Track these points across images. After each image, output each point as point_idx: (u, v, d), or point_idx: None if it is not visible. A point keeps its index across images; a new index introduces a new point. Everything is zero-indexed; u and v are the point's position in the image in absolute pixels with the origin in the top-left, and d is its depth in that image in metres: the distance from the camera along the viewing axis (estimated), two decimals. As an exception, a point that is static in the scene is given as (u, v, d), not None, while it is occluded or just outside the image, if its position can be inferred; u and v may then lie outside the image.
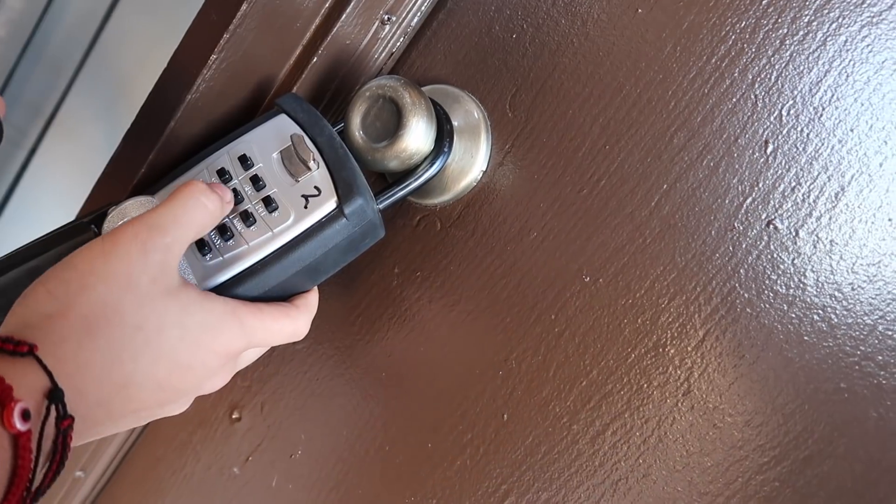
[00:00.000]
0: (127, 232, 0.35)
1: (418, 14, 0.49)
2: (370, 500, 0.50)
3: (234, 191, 0.42)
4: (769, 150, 0.39)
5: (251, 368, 0.55)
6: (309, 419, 0.53)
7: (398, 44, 0.50)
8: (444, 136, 0.45)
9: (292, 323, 0.41)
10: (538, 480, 0.44)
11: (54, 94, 0.89)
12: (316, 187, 0.41)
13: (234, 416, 0.56)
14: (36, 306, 0.33)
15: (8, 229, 0.93)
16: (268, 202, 0.41)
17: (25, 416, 0.28)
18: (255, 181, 0.42)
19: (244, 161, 0.42)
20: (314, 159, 0.41)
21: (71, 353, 0.32)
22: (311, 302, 0.43)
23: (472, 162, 0.47)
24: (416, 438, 0.49)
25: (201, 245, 0.41)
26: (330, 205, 0.40)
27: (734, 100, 0.40)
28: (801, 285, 0.38)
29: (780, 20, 0.39)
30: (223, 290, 0.40)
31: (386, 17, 0.48)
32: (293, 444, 0.53)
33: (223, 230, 0.40)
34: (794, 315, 0.38)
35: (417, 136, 0.43)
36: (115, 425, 0.36)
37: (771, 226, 0.39)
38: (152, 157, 0.44)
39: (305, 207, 0.41)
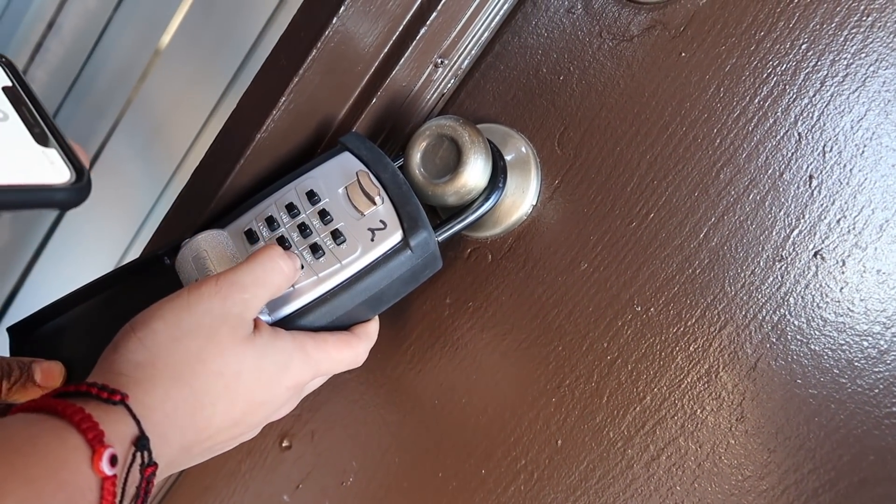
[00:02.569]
0: (211, 287, 0.37)
1: (469, 57, 0.52)
2: (422, 528, 0.51)
3: (303, 224, 0.44)
4: (814, 184, 0.41)
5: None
6: (360, 447, 0.54)
7: (448, 85, 0.53)
8: (498, 173, 0.47)
9: (352, 351, 0.43)
10: (593, 505, 0.45)
11: (97, 137, 0.92)
12: (381, 221, 0.43)
13: (283, 445, 0.58)
14: (127, 354, 0.35)
15: (47, 268, 0.95)
16: (336, 235, 0.43)
17: (113, 461, 0.30)
18: (323, 215, 0.44)
19: (311, 196, 0.45)
20: (379, 194, 0.43)
21: (159, 401, 0.34)
22: (370, 331, 0.45)
23: (523, 197, 0.49)
24: (470, 465, 0.50)
25: None
26: (396, 237, 0.43)
27: (778, 137, 0.42)
28: (850, 313, 0.40)
29: (819, 63, 0.42)
30: (293, 319, 0.42)
31: (439, 61, 0.51)
32: (344, 471, 0.55)
33: None
34: (843, 341, 0.40)
35: (476, 173, 0.45)
36: (191, 461, 0.38)
37: (818, 256, 0.41)
38: (221, 193, 0.47)
39: (372, 240, 0.43)
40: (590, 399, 0.46)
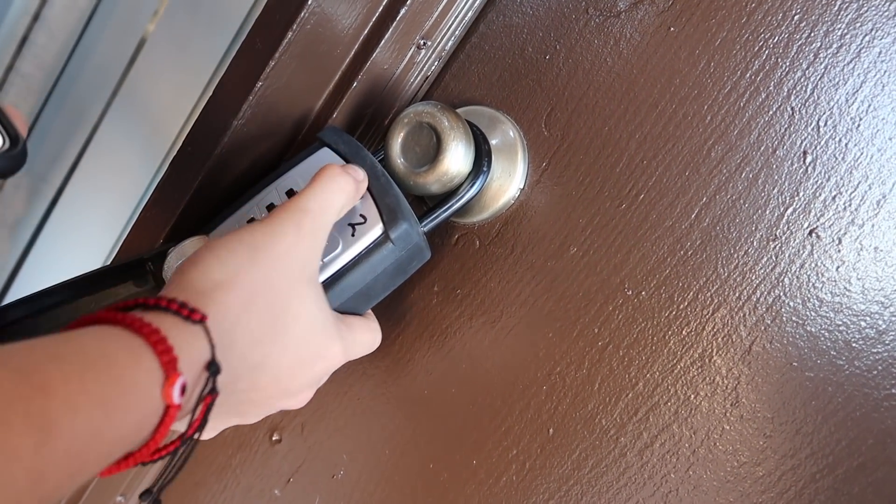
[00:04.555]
0: (285, 213, 0.36)
1: (452, 38, 0.50)
2: (414, 520, 0.50)
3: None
4: (808, 160, 0.40)
5: (291, 390, 0.56)
6: (351, 439, 0.53)
7: (433, 68, 0.51)
8: (482, 157, 0.46)
9: (373, 335, 0.43)
10: (587, 494, 0.44)
11: (78, 140, 0.91)
12: (361, 215, 0.42)
13: (274, 438, 0.57)
14: (207, 271, 0.33)
15: (43, 254, 0.95)
16: None
17: (183, 390, 0.28)
18: None
19: (291, 195, 0.43)
20: None
21: (229, 326, 0.32)
22: (372, 315, 0.45)
23: (509, 181, 0.48)
24: (461, 456, 0.49)
25: None
26: (376, 231, 0.41)
27: (770, 112, 0.41)
28: (847, 292, 0.39)
29: (812, 34, 0.40)
30: None
31: (422, 42, 0.49)
32: (335, 464, 0.54)
33: None
34: (840, 322, 0.39)
35: (457, 159, 0.44)
36: (221, 417, 0.36)
37: (813, 234, 0.40)
38: (199, 183, 0.45)
39: (353, 235, 0.41)
40: (581, 386, 0.45)
